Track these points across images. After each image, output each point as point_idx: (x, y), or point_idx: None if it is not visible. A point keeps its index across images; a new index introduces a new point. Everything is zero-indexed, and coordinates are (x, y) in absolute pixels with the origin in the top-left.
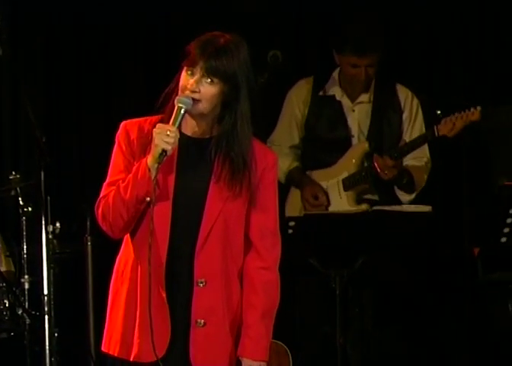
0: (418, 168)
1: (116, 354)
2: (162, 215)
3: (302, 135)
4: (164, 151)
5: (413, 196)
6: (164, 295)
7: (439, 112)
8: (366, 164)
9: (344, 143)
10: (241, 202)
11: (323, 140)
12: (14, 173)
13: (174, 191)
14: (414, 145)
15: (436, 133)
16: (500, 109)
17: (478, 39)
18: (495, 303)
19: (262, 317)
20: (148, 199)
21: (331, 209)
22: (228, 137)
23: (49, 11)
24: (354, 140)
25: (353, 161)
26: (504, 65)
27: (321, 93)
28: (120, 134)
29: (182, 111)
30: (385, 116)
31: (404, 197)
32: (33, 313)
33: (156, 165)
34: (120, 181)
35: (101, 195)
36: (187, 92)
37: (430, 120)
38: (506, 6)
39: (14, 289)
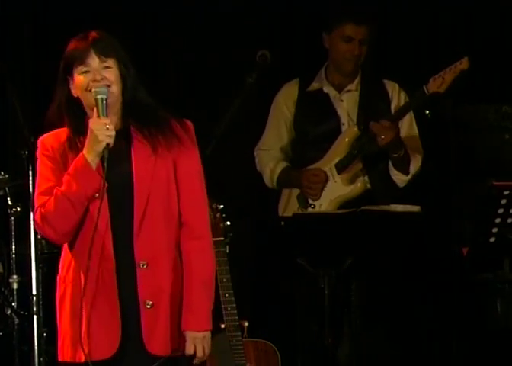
0: (411, 144)
1: (70, 360)
2: (101, 209)
3: (291, 136)
4: (107, 144)
5: (409, 177)
6: (115, 289)
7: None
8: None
9: (335, 134)
10: (169, 175)
11: (314, 135)
12: (2, 173)
13: (103, 184)
14: (406, 109)
15: (426, 92)
16: (487, 108)
17: (467, 36)
18: (484, 303)
19: (200, 288)
20: (97, 195)
21: (327, 194)
22: (137, 117)
23: (36, 9)
24: (345, 128)
25: (345, 144)
26: (493, 64)
27: (308, 89)
28: (39, 150)
29: (104, 102)
30: (373, 103)
31: (399, 177)
32: (22, 312)
33: (96, 160)
34: (57, 187)
35: (38, 204)
36: (95, 83)
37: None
38: (495, 1)
39: (2, 289)
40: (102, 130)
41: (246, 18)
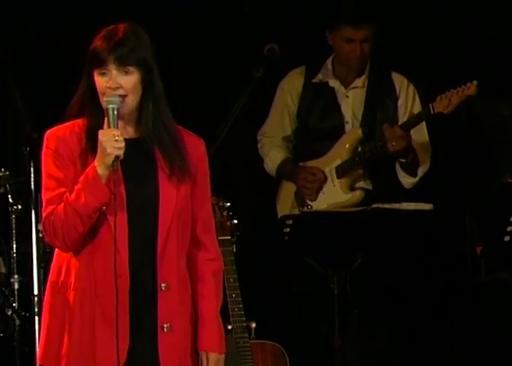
0: (421, 148)
1: None
2: (119, 223)
3: (294, 126)
4: (117, 157)
5: (416, 179)
6: (126, 306)
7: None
8: (359, 149)
9: (338, 131)
10: (188, 197)
11: (316, 130)
12: (3, 170)
13: (126, 198)
14: (409, 124)
15: (431, 111)
16: (501, 103)
17: (478, 30)
18: (498, 303)
19: (217, 309)
20: (104, 208)
21: (325, 198)
22: (157, 125)
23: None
24: (348, 127)
25: (347, 146)
26: (507, 58)
27: (313, 81)
28: (50, 144)
29: (115, 112)
30: (380, 101)
31: (406, 179)
32: (23, 313)
33: (107, 173)
34: (68, 194)
35: (47, 212)
36: (110, 91)
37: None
38: None
39: (3, 289)
40: (110, 141)
41: (252, 11)
